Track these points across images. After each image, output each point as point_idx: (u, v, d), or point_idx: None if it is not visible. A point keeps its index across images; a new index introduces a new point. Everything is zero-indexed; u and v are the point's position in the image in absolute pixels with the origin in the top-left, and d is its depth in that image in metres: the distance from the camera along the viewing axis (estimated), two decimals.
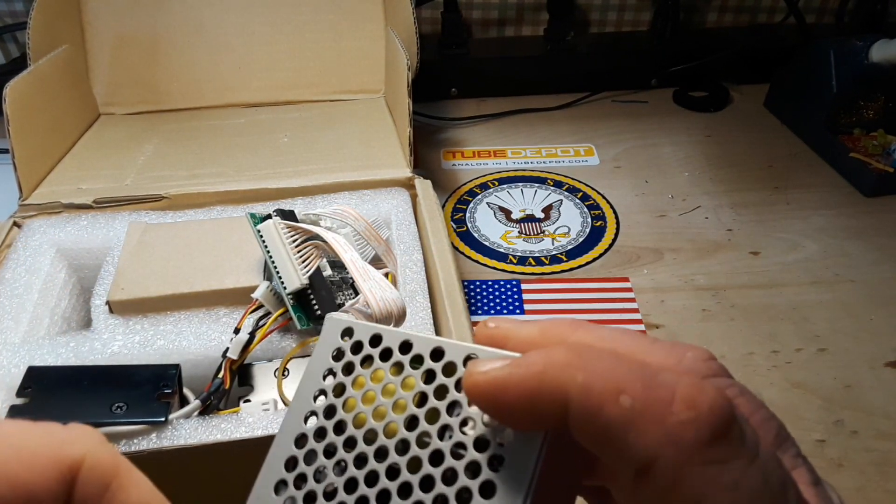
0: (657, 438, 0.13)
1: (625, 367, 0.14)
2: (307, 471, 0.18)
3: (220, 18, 0.63)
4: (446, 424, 0.17)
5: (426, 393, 0.17)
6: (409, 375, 0.17)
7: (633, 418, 0.13)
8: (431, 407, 0.17)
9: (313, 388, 0.19)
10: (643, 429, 0.13)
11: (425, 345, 0.18)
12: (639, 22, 0.84)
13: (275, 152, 0.55)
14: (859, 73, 0.65)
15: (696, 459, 0.13)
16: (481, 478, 0.16)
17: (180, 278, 0.40)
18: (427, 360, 0.17)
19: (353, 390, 0.18)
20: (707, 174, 0.67)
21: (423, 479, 0.16)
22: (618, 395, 0.13)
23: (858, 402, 0.44)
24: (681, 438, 0.13)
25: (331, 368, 0.19)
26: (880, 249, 0.57)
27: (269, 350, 0.38)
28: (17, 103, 0.48)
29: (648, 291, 0.53)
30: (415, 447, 0.17)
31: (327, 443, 0.18)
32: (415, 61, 0.57)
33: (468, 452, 0.16)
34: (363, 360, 0.18)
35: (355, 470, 0.17)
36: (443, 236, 0.44)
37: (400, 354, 0.18)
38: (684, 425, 0.13)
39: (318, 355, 0.19)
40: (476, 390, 0.15)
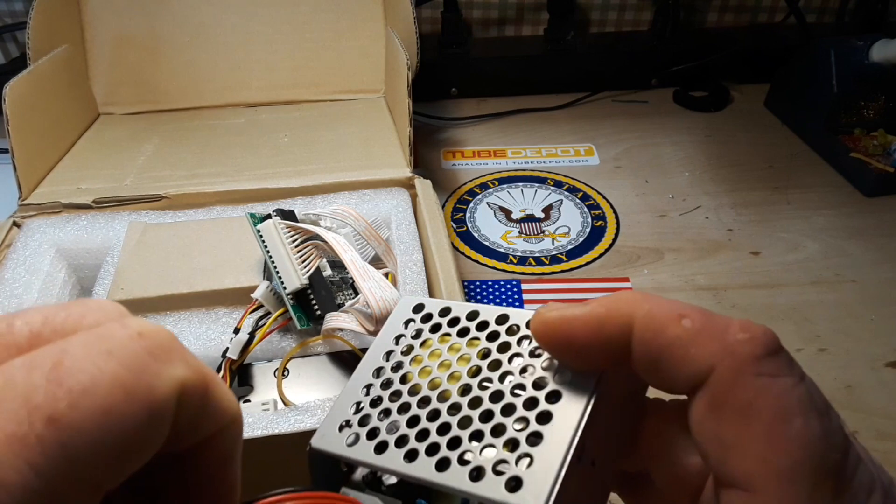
0: (716, 350, 0.14)
1: (683, 304, 0.16)
2: (372, 412, 0.18)
3: (220, 18, 0.63)
4: (508, 370, 0.17)
5: (489, 349, 0.18)
6: (475, 337, 0.19)
7: (693, 336, 0.15)
8: (494, 359, 0.18)
9: (383, 349, 0.20)
10: (703, 343, 0.14)
11: (491, 312, 0.19)
12: (639, 22, 0.84)
13: (275, 152, 0.55)
14: (860, 72, 0.65)
15: (750, 370, 0.14)
16: (538, 409, 0.16)
17: (180, 278, 0.40)
18: (492, 324, 0.19)
19: (421, 349, 0.19)
20: (707, 174, 0.67)
21: (483, 413, 0.17)
22: (680, 319, 0.15)
23: (859, 403, 0.44)
24: (737, 351, 0.14)
25: (400, 334, 0.20)
26: (881, 249, 0.57)
27: (268, 350, 0.38)
28: (17, 103, 0.48)
29: (649, 291, 0.53)
30: (476, 389, 0.17)
31: (393, 389, 0.18)
32: (415, 61, 0.57)
33: (526, 391, 0.17)
34: (432, 327, 0.19)
35: (418, 409, 0.18)
36: (443, 236, 0.44)
37: (467, 321, 0.19)
38: (740, 342, 0.14)
39: (389, 325, 0.20)
40: (545, 324, 0.16)
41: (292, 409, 0.33)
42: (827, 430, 0.14)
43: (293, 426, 0.31)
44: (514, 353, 0.18)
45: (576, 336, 0.16)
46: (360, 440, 0.18)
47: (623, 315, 0.15)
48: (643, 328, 0.15)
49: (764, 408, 0.14)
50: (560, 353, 0.17)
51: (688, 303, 0.16)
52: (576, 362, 0.16)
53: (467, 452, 0.16)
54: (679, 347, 0.15)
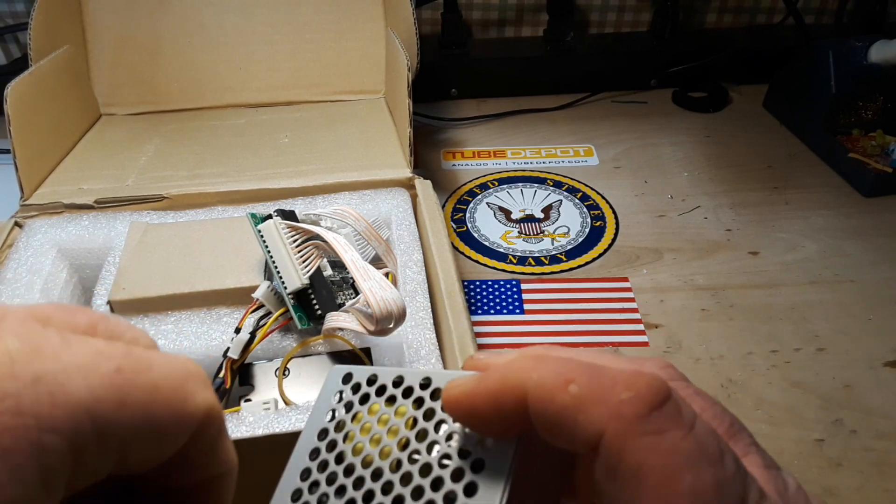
0: (602, 415, 0.15)
1: (574, 364, 0.16)
2: (311, 499, 0.19)
3: (220, 19, 0.63)
4: (434, 440, 0.18)
5: (416, 417, 0.19)
6: (402, 405, 0.19)
7: (580, 402, 0.15)
8: (421, 428, 0.19)
9: (317, 427, 0.20)
10: (589, 409, 0.15)
11: (415, 377, 0.20)
12: (639, 22, 0.85)
13: (275, 152, 0.55)
14: (858, 73, 0.65)
15: (636, 430, 0.14)
16: (464, 480, 0.17)
17: (181, 278, 0.40)
18: (416, 390, 0.19)
19: (353, 424, 0.20)
20: (706, 174, 0.67)
21: (414, 489, 0.18)
22: (567, 385, 0.15)
23: (857, 402, 0.44)
24: (622, 413, 0.14)
25: (333, 409, 0.20)
26: (879, 249, 0.57)
27: (269, 350, 0.38)
28: (19, 103, 0.48)
29: (648, 291, 0.53)
30: (406, 464, 0.18)
31: (329, 472, 0.19)
32: (415, 62, 0.58)
33: (453, 461, 0.18)
34: (361, 398, 0.20)
35: (353, 491, 0.18)
36: (443, 236, 0.44)
37: (393, 388, 0.20)
38: (624, 403, 0.15)
39: (322, 399, 0.21)
40: (451, 403, 0.17)
41: (293, 409, 0.33)
42: (720, 480, 0.14)
43: (294, 425, 0.32)
44: (438, 419, 0.18)
45: (479, 412, 0.16)
46: None
47: (515, 387, 0.16)
48: (534, 399, 0.15)
49: (653, 468, 0.14)
50: (470, 424, 0.17)
51: (580, 360, 0.16)
52: (489, 432, 0.17)
53: None
54: (568, 416, 0.15)
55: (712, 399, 0.18)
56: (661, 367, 0.18)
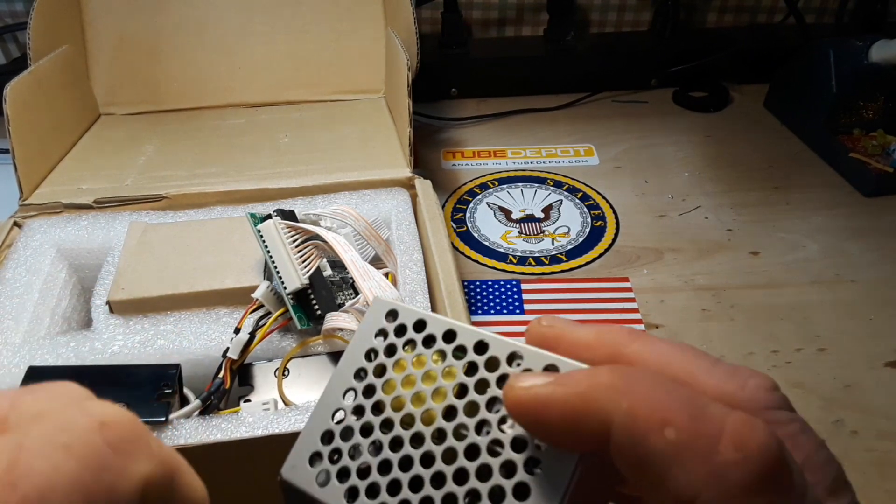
0: (700, 477, 0.12)
1: (673, 394, 0.13)
2: (342, 446, 0.18)
3: (220, 18, 0.63)
4: (485, 419, 0.16)
5: (466, 385, 0.17)
6: (451, 365, 0.17)
7: (677, 452, 0.12)
8: (471, 400, 0.17)
9: (354, 365, 0.19)
10: (686, 465, 0.12)
11: (469, 336, 0.18)
12: (639, 22, 0.84)
13: (275, 152, 0.55)
14: (859, 73, 0.65)
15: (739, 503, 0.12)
16: (516, 479, 0.15)
17: (180, 278, 0.40)
18: (470, 352, 0.17)
19: (394, 372, 0.18)
20: (707, 174, 0.67)
21: (457, 471, 0.16)
22: (663, 427, 0.13)
23: (858, 402, 0.44)
24: (725, 480, 0.12)
25: (373, 348, 0.19)
26: (880, 249, 0.57)
27: (269, 350, 0.38)
28: (18, 103, 0.48)
29: (648, 291, 0.53)
30: (451, 438, 0.17)
31: (364, 421, 0.18)
32: (415, 61, 0.57)
33: (504, 451, 0.16)
34: (406, 343, 0.18)
35: (390, 452, 0.17)
36: (443, 236, 0.44)
37: (443, 343, 0.18)
38: (730, 466, 0.12)
39: (361, 334, 0.19)
40: (517, 406, 0.15)
41: (293, 409, 0.33)
42: None
43: (293, 426, 0.32)
44: (492, 396, 0.17)
45: (550, 424, 0.14)
46: (330, 481, 0.17)
47: (600, 412, 0.14)
48: (621, 434, 0.13)
49: None
50: (536, 434, 0.15)
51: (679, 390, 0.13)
52: (554, 444, 0.15)
53: None
54: (659, 465, 0.13)
55: (817, 440, 0.15)
56: (767, 389, 0.15)
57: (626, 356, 0.16)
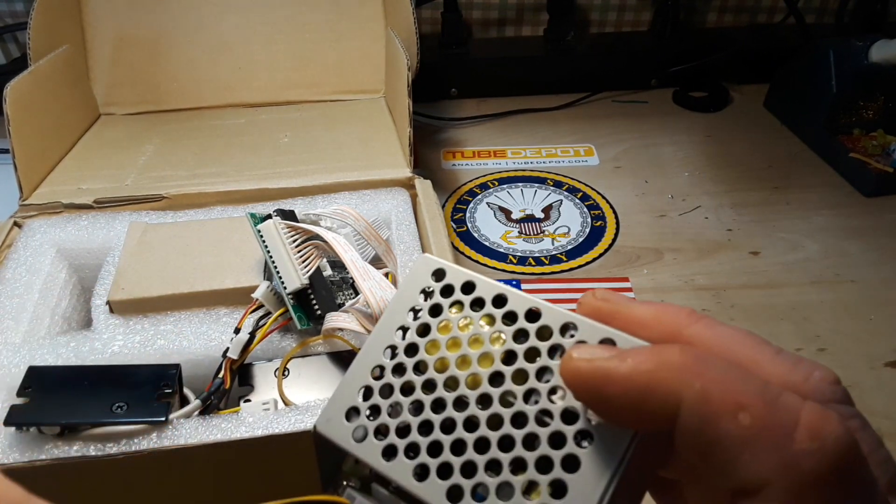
0: (773, 465, 0.12)
1: (746, 380, 0.13)
2: (381, 403, 0.17)
3: (220, 18, 0.63)
4: (533, 388, 0.16)
5: (515, 352, 0.16)
6: (500, 331, 0.17)
7: (750, 438, 0.12)
8: (519, 368, 0.16)
9: (396, 322, 0.18)
10: (760, 452, 0.12)
11: (521, 303, 0.17)
12: (639, 22, 0.84)
13: (275, 152, 0.55)
14: (859, 73, 0.65)
15: (810, 494, 0.12)
16: (565, 450, 0.15)
17: (180, 278, 0.40)
18: (521, 319, 0.17)
19: (439, 333, 0.17)
20: (707, 174, 0.67)
21: (503, 438, 0.15)
22: (737, 411, 0.12)
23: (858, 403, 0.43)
24: (798, 469, 0.12)
25: (417, 307, 0.18)
26: (880, 249, 0.57)
27: (269, 350, 0.38)
28: (18, 103, 0.48)
29: (648, 291, 0.53)
30: (497, 404, 0.16)
31: (406, 380, 0.17)
32: (415, 61, 0.57)
33: (553, 422, 0.15)
34: (452, 304, 0.17)
35: (431, 413, 0.16)
36: (443, 236, 0.44)
37: (493, 307, 0.17)
38: (805, 456, 0.12)
39: (404, 292, 0.18)
40: (576, 377, 0.14)
41: (293, 409, 0.33)
42: None
43: (293, 426, 0.32)
44: (542, 365, 0.16)
45: (611, 399, 0.14)
46: (367, 437, 0.17)
47: (669, 392, 0.13)
48: (692, 413, 0.13)
49: None
50: (595, 408, 0.15)
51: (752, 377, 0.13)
52: (613, 421, 0.14)
53: (481, 486, 0.15)
54: (730, 449, 0.12)
55: (877, 436, 0.15)
56: (830, 382, 0.15)
57: (685, 337, 0.16)
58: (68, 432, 0.31)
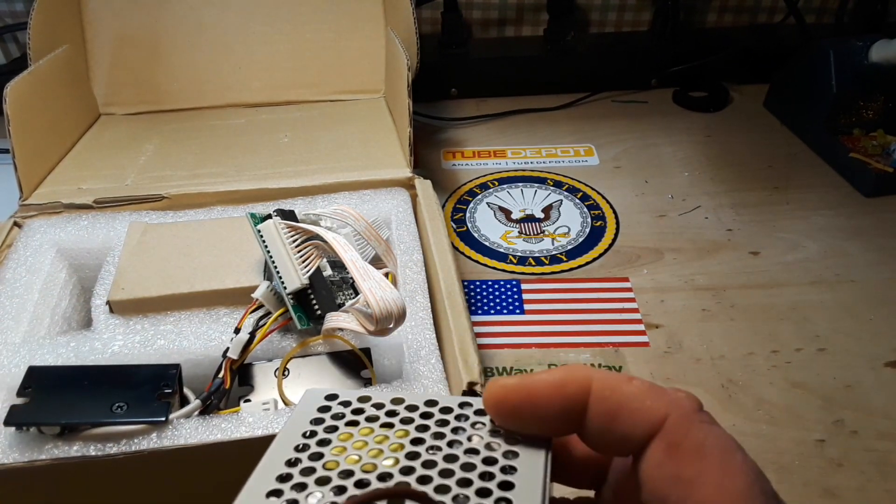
0: (665, 402, 0.17)
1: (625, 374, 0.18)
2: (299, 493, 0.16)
3: (220, 18, 0.63)
4: (454, 440, 0.17)
5: (422, 437, 0.17)
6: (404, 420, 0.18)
7: (644, 392, 0.17)
8: (435, 431, 0.17)
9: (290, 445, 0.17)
10: (654, 398, 0.17)
11: (418, 397, 0.18)
12: (639, 22, 0.84)
13: (275, 152, 0.55)
14: (859, 73, 0.65)
15: (695, 418, 0.17)
16: (500, 464, 0.17)
17: (180, 278, 0.40)
18: (421, 407, 0.18)
19: (340, 440, 0.17)
20: (707, 174, 0.67)
21: (442, 471, 0.17)
22: (630, 380, 0.18)
23: (858, 402, 0.44)
24: (682, 404, 0.17)
25: (311, 431, 0.18)
26: (880, 249, 0.57)
27: (269, 350, 0.38)
28: (18, 103, 0.48)
29: (648, 291, 0.53)
30: (425, 454, 0.17)
31: (319, 476, 0.16)
32: (415, 61, 0.57)
33: (481, 454, 0.17)
34: (349, 422, 0.18)
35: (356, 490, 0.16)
36: (443, 236, 0.44)
37: (391, 405, 0.18)
38: (681, 398, 0.17)
39: (293, 423, 0.18)
40: (503, 390, 0.18)
41: (292, 409, 0.33)
42: (755, 465, 0.17)
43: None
44: (454, 426, 0.18)
45: (537, 395, 0.18)
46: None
47: (581, 377, 0.18)
48: (601, 387, 0.17)
49: (713, 445, 0.16)
50: (517, 415, 0.18)
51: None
52: (531, 425, 0.18)
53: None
54: (635, 400, 0.17)
55: None
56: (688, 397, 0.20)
57: None
58: (68, 432, 0.31)
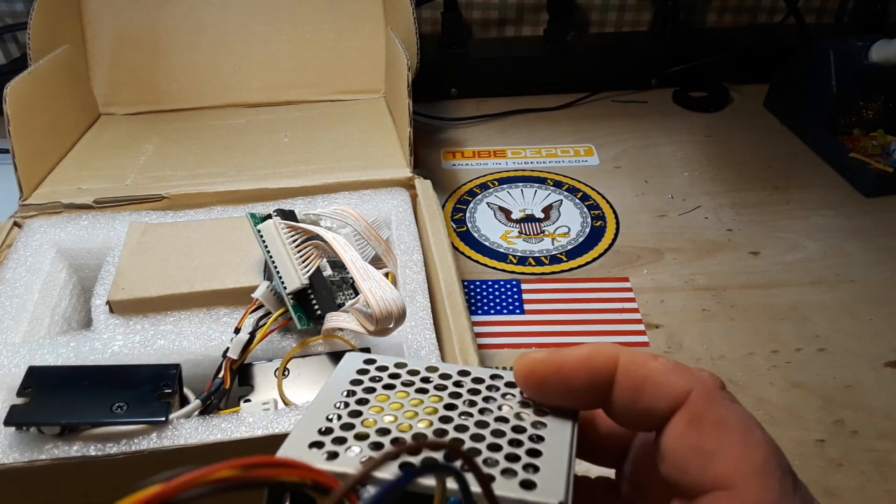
0: (689, 379, 0.18)
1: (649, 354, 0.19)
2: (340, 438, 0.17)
3: (220, 18, 0.63)
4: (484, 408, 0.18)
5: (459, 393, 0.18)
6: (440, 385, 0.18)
7: (669, 369, 0.18)
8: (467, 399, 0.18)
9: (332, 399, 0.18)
10: (678, 375, 0.18)
11: (451, 367, 0.19)
12: (639, 22, 0.84)
13: (275, 152, 0.55)
14: (859, 73, 0.65)
15: (717, 395, 0.18)
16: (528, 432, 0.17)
17: (180, 278, 0.40)
18: (455, 376, 0.19)
19: (378, 401, 0.18)
20: (707, 174, 0.67)
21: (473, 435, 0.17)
22: (654, 358, 0.18)
23: (858, 402, 0.44)
24: (705, 382, 0.18)
25: (351, 390, 0.19)
26: (880, 249, 0.57)
27: (269, 350, 0.38)
28: (18, 103, 0.48)
29: (648, 291, 0.53)
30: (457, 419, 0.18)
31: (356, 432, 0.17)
32: (415, 61, 0.57)
33: (510, 421, 0.18)
34: (386, 385, 0.19)
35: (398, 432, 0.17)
36: (443, 236, 0.44)
37: (426, 372, 0.19)
38: (705, 376, 0.18)
39: (333, 382, 0.19)
40: (532, 363, 0.18)
41: (293, 409, 0.33)
42: (774, 442, 0.17)
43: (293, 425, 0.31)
44: (486, 395, 0.18)
45: (566, 368, 0.18)
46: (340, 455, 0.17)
47: (608, 353, 0.18)
48: (628, 361, 0.18)
49: (734, 421, 0.17)
50: (546, 387, 0.18)
51: None
52: (559, 397, 0.18)
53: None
54: (661, 374, 0.18)
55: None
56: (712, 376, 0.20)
57: None
58: (68, 432, 0.31)
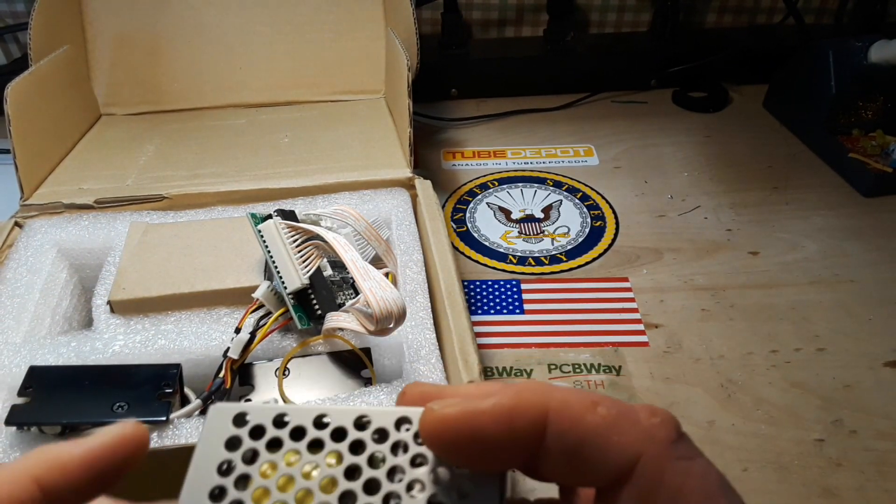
0: (637, 437, 0.14)
1: (592, 392, 0.15)
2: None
3: (220, 18, 0.63)
4: (391, 492, 0.15)
5: (357, 464, 0.15)
6: (333, 450, 0.15)
7: (612, 423, 0.14)
8: (369, 477, 0.15)
9: (205, 487, 0.15)
10: (624, 432, 0.14)
11: (345, 416, 0.16)
12: (639, 22, 0.84)
13: (275, 152, 0.55)
14: (858, 73, 0.65)
15: (671, 455, 0.14)
16: None
17: (181, 278, 0.40)
18: (351, 431, 0.15)
19: (262, 479, 0.15)
20: (707, 174, 0.67)
21: None
22: (594, 407, 0.15)
23: (857, 402, 0.44)
24: (656, 436, 0.14)
25: (227, 461, 0.15)
26: (879, 249, 0.57)
27: (269, 350, 0.38)
28: (19, 104, 0.48)
29: (648, 291, 0.53)
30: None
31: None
32: (415, 61, 0.58)
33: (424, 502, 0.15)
34: (269, 444, 0.16)
35: None
36: (443, 236, 0.44)
37: (316, 431, 0.16)
38: (655, 427, 0.15)
39: (203, 451, 0.16)
40: (442, 424, 0.14)
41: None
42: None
43: None
44: (391, 466, 0.15)
45: (483, 431, 0.14)
46: None
47: (535, 406, 0.14)
48: (560, 418, 0.14)
49: (693, 490, 0.14)
50: (461, 453, 0.15)
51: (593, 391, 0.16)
52: (476, 461, 0.15)
53: None
54: (600, 436, 0.14)
55: None
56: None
57: None
58: (69, 432, 0.31)
